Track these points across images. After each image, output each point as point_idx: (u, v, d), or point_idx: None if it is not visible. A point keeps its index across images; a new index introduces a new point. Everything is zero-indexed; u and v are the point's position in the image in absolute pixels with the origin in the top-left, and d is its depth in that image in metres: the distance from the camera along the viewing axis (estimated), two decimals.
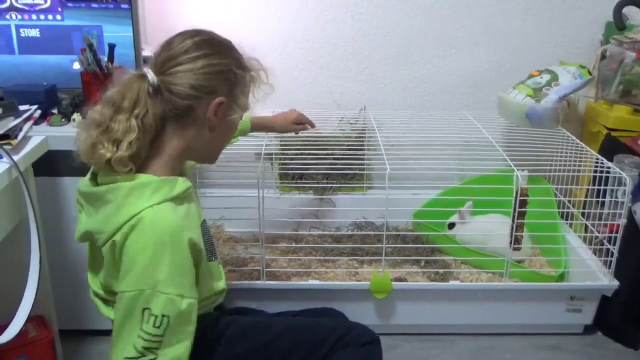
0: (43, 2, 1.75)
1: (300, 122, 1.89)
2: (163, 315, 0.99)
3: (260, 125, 1.81)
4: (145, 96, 1.07)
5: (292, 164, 2.16)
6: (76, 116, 1.65)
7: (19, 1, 1.75)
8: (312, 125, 1.92)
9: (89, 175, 1.13)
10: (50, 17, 1.76)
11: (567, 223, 2.08)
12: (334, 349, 1.25)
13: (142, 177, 1.06)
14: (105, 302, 1.17)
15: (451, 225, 2.09)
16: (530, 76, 2.10)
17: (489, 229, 1.98)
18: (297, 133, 1.91)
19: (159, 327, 0.99)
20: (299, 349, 1.26)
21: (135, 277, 0.99)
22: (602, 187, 1.84)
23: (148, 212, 1.01)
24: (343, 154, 2.15)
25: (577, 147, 2.01)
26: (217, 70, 1.09)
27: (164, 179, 1.06)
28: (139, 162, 1.08)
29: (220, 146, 1.22)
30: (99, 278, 1.15)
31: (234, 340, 1.24)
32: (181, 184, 1.08)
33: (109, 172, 1.06)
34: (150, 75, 1.07)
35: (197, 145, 1.14)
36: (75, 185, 1.15)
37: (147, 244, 0.99)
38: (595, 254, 1.92)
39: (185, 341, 1.03)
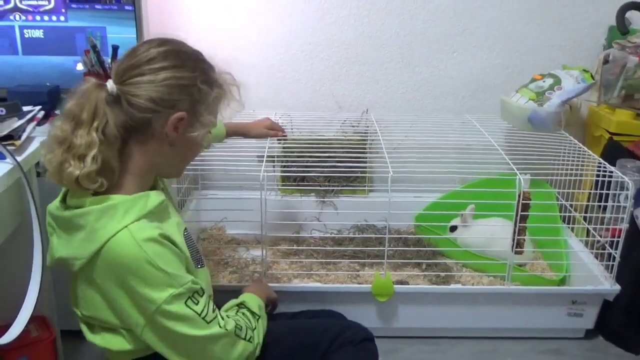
0: (47, 3, 1.76)
1: (273, 129, 1.90)
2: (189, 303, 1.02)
3: (235, 131, 1.81)
4: (103, 106, 1.02)
5: (294, 166, 2.16)
6: None
7: (22, 2, 1.76)
8: (283, 132, 1.94)
9: (60, 197, 1.10)
10: (54, 18, 1.77)
11: (569, 227, 2.08)
12: (330, 351, 1.25)
13: (112, 199, 1.02)
14: (90, 326, 1.15)
15: (453, 228, 2.09)
16: (533, 80, 2.09)
17: (490, 233, 1.98)
18: (272, 137, 1.93)
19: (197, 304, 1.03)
20: (296, 355, 1.25)
21: (149, 294, 0.99)
22: (604, 192, 1.84)
23: (124, 233, 0.99)
24: (345, 157, 2.16)
25: (580, 151, 2.00)
26: (179, 84, 1.04)
27: (134, 196, 1.04)
28: (113, 177, 1.05)
29: (184, 162, 1.17)
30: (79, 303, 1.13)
31: None
32: (154, 198, 1.06)
33: (79, 194, 1.04)
34: (110, 85, 1.04)
35: (159, 161, 1.10)
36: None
37: (139, 260, 0.98)
38: (597, 258, 1.92)
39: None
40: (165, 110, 1.04)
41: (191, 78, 1.06)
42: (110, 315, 1.07)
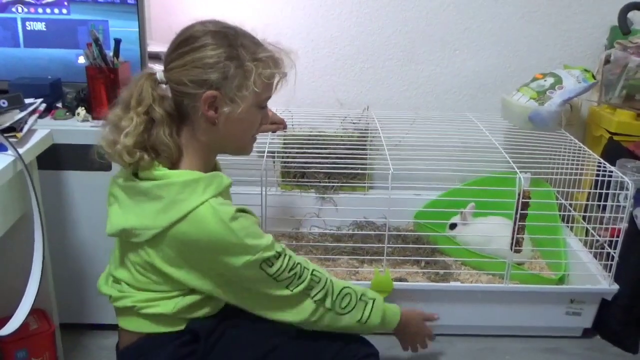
0: None
1: (274, 122, 1.88)
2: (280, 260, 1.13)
3: None
4: (150, 91, 1.10)
5: (295, 162, 2.16)
6: (80, 110, 1.65)
7: None
8: (284, 125, 1.91)
9: (123, 171, 1.15)
10: (56, 11, 1.76)
11: (568, 226, 2.08)
12: None
13: (192, 174, 1.09)
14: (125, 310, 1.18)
15: (453, 226, 2.10)
16: (534, 79, 2.10)
17: (490, 231, 1.98)
18: (274, 132, 1.90)
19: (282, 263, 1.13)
20: None
21: (235, 252, 1.08)
22: (603, 191, 1.84)
23: (206, 207, 1.06)
24: (345, 154, 2.16)
25: (580, 150, 2.01)
26: (204, 62, 1.08)
27: (211, 174, 1.11)
28: (172, 156, 1.12)
29: (240, 139, 1.20)
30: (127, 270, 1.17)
31: (227, 350, 1.21)
32: (225, 179, 1.14)
33: (155, 167, 1.10)
34: (159, 72, 1.11)
35: (210, 139, 1.15)
36: (80, 178, 1.16)
37: (220, 233, 1.06)
38: (595, 258, 1.92)
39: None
40: (195, 91, 1.09)
41: (216, 56, 1.09)
42: (162, 283, 1.13)
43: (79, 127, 1.62)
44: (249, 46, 1.13)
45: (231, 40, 1.12)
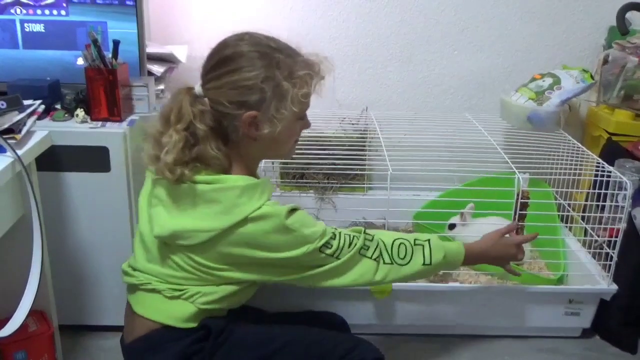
0: None
1: None
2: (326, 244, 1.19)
3: None
4: (189, 108, 1.12)
5: (294, 163, 2.16)
6: (79, 112, 1.65)
7: None
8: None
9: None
10: (55, 12, 1.76)
11: (566, 226, 2.08)
12: None
13: (249, 179, 1.15)
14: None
15: (452, 226, 2.10)
16: (533, 79, 2.10)
17: (488, 231, 1.98)
18: None
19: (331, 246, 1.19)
20: None
21: (296, 245, 1.15)
22: (602, 191, 1.84)
23: (266, 209, 1.12)
24: (344, 154, 2.16)
25: (578, 150, 2.01)
26: (243, 85, 1.12)
27: (264, 180, 1.18)
28: (222, 166, 1.17)
29: (282, 148, 1.25)
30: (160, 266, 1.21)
31: (234, 349, 1.23)
32: (272, 185, 1.21)
33: (210, 171, 1.15)
34: (197, 88, 1.14)
35: (252, 152, 1.21)
36: (79, 180, 1.18)
37: (281, 231, 1.13)
38: (594, 258, 1.92)
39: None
40: (234, 112, 1.13)
41: (254, 77, 1.12)
42: (194, 281, 1.18)
43: (77, 129, 1.62)
44: (286, 64, 1.15)
45: (267, 60, 1.14)
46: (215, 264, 1.16)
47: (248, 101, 1.12)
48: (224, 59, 1.14)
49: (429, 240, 1.33)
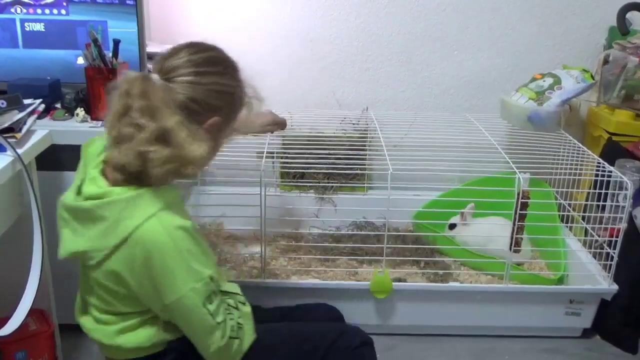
0: None
1: (277, 123, 1.87)
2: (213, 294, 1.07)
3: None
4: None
5: (294, 162, 2.16)
6: (79, 111, 1.65)
7: None
8: (284, 125, 1.90)
9: (74, 189, 1.12)
10: (55, 11, 1.76)
11: (567, 226, 2.08)
12: (327, 357, 1.24)
13: (134, 190, 1.05)
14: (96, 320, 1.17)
15: (452, 226, 2.10)
16: (533, 79, 2.10)
17: (489, 231, 1.98)
18: (272, 133, 1.89)
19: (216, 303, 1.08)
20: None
21: (182, 280, 1.03)
22: (603, 191, 1.84)
23: (152, 221, 1.02)
24: (345, 154, 2.16)
25: (579, 151, 2.01)
26: (223, 90, 1.11)
27: (156, 187, 1.06)
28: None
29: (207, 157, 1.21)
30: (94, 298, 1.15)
31: None
32: (173, 190, 1.09)
33: (102, 185, 1.07)
34: (155, 78, 1.07)
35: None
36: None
37: (168, 248, 1.02)
38: (595, 258, 1.92)
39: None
40: (205, 112, 1.09)
41: (233, 86, 1.13)
42: (128, 304, 1.10)
43: (78, 128, 1.62)
44: (244, 84, 1.18)
45: (240, 75, 1.16)
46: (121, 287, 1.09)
47: (221, 106, 1.11)
48: (214, 58, 1.12)
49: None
